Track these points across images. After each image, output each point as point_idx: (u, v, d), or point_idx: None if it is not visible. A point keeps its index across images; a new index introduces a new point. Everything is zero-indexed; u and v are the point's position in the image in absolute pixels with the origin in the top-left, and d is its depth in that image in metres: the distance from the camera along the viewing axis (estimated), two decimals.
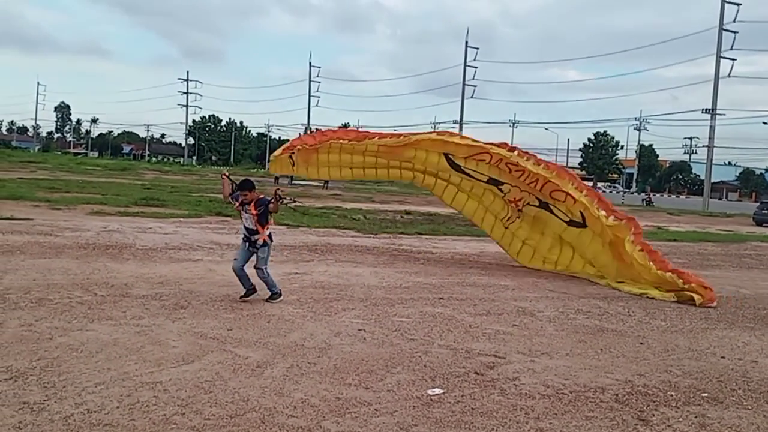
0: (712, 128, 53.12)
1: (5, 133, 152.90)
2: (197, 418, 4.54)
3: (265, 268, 8.53)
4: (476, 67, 75.66)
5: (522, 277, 12.12)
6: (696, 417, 5.28)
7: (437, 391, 5.49)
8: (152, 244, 13.34)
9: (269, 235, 8.72)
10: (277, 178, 57.50)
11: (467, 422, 4.83)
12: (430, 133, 15.49)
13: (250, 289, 8.53)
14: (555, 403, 5.39)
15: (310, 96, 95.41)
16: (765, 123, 64.39)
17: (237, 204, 8.74)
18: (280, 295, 8.61)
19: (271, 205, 8.56)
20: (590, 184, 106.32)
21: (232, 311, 7.86)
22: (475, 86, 75.81)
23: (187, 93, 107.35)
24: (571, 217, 12.51)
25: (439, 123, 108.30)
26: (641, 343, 7.62)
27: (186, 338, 6.53)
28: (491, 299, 9.73)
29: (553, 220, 12.84)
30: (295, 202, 9.11)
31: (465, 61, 75.26)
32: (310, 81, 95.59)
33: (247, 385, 5.30)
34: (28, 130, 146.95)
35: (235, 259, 8.70)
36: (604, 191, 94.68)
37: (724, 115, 56.91)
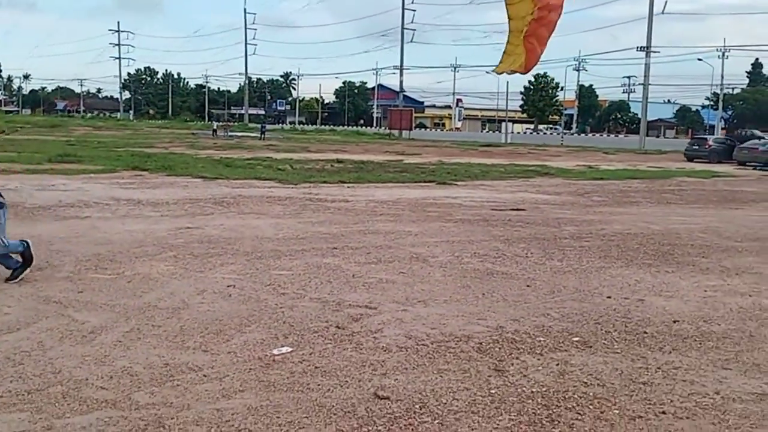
0: (647, 66, 53.48)
1: None
2: None
3: (4, 241, 6.72)
4: (414, 10, 74.58)
5: (429, 222, 11.76)
6: (558, 364, 4.97)
7: (284, 350, 5.06)
8: (44, 202, 12.58)
9: None
10: (214, 131, 56.17)
11: (302, 384, 4.42)
12: None
13: (18, 267, 6.82)
14: (410, 357, 5.02)
15: (246, 44, 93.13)
16: (699, 59, 65.02)
17: None
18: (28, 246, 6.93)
19: None
20: (531, 126, 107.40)
21: (94, 271, 7.29)
22: (414, 30, 74.93)
23: (119, 45, 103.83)
24: None
25: (381, 69, 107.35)
26: (528, 286, 7.32)
27: (25, 303, 5.96)
28: (388, 246, 9.33)
29: None
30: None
31: (403, 4, 73.93)
32: (246, 29, 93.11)
33: (68, 354, 4.79)
34: None
35: None
36: (545, 133, 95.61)
37: (659, 52, 57.08)
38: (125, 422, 3.75)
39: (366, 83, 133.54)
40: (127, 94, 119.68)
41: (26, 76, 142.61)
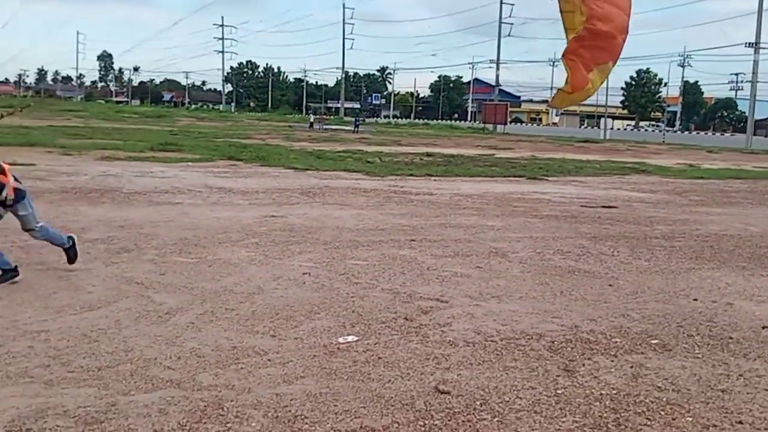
0: (755, 63, 50.70)
1: (51, 83, 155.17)
2: (60, 370, 4.19)
3: (39, 225, 6.46)
4: (513, 4, 73.46)
5: (514, 217, 11.52)
6: (632, 367, 4.74)
7: (350, 338, 5.05)
8: (141, 187, 13.09)
9: (17, 180, 6.27)
10: (311, 124, 57.18)
11: (363, 373, 4.39)
12: None
13: (7, 270, 6.11)
14: (476, 352, 4.90)
15: (344, 39, 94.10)
16: None
17: None
18: (74, 243, 6.72)
19: None
20: (632, 123, 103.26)
21: (178, 255, 7.51)
22: (512, 24, 73.84)
23: (222, 39, 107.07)
24: None
25: (477, 63, 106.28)
26: (610, 285, 7.03)
27: (108, 283, 6.20)
28: (467, 240, 9.19)
29: None
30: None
31: None
32: (344, 23, 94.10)
33: (142, 333, 4.94)
34: (72, 79, 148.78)
35: None
36: (646, 130, 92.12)
37: None
38: (186, 402, 3.82)
39: (461, 77, 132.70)
40: (229, 87, 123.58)
41: (136, 69, 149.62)
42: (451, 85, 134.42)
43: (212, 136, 35.01)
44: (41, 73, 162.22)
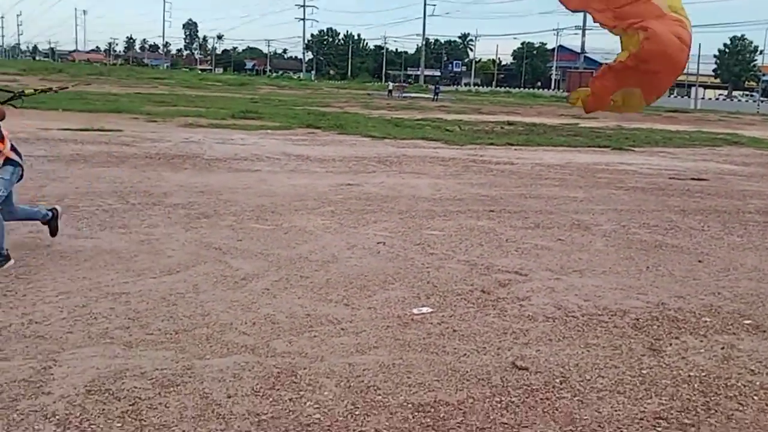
0: None
1: (138, 51, 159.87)
2: (139, 332, 4.25)
3: (3, 196, 5.49)
4: None
5: (598, 189, 11.13)
6: (722, 348, 4.47)
7: (424, 310, 4.95)
8: (221, 154, 13.28)
9: (14, 149, 5.61)
10: (389, 92, 56.93)
11: (438, 345, 4.28)
12: None
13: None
14: (557, 328, 4.72)
15: (425, 5, 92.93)
16: None
17: None
18: (55, 216, 6.18)
19: None
20: (724, 93, 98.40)
21: (255, 221, 7.56)
22: None
23: (304, 6, 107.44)
24: None
25: (562, 29, 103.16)
26: (699, 261, 6.69)
27: (188, 248, 6.28)
28: (548, 212, 8.92)
29: None
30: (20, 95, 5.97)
31: None
32: None
33: (219, 298, 4.97)
34: (159, 48, 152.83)
35: None
36: (739, 100, 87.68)
37: None
38: (260, 368, 3.81)
39: (545, 44, 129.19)
40: (309, 55, 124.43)
41: (219, 37, 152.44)
42: (535, 52, 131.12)
43: (292, 104, 35.32)
44: (130, 42, 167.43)
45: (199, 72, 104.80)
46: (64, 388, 3.44)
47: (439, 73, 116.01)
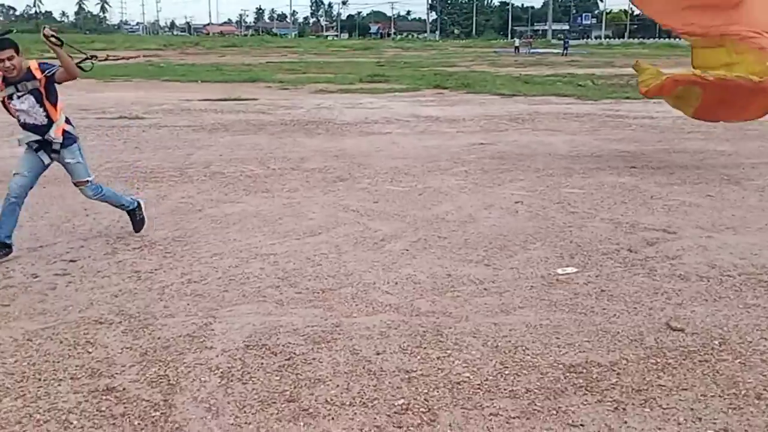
0: None
1: (267, 21, 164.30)
2: (289, 291, 4.40)
3: (92, 179, 5.24)
4: None
5: (748, 141, 10.40)
6: None
7: (569, 270, 4.82)
8: (352, 119, 13.47)
9: (68, 121, 5.09)
10: (516, 48, 55.50)
11: (585, 306, 4.17)
12: None
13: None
14: (712, 288, 4.47)
15: None
16: None
17: None
18: (139, 206, 5.57)
19: (59, 71, 4.83)
20: None
21: (390, 183, 7.62)
22: None
23: None
24: None
25: None
26: None
27: (327, 210, 6.43)
28: (695, 167, 8.44)
29: None
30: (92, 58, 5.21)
31: None
32: None
33: (360, 258, 5.06)
34: (286, 17, 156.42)
35: (16, 174, 4.98)
36: None
37: None
38: (406, 327, 3.86)
39: None
40: (433, 15, 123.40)
41: (344, 2, 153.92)
42: None
43: (417, 65, 35.24)
44: (259, 13, 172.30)
45: (325, 38, 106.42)
46: (224, 343, 3.63)
47: (567, 27, 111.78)
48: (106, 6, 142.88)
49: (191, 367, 3.37)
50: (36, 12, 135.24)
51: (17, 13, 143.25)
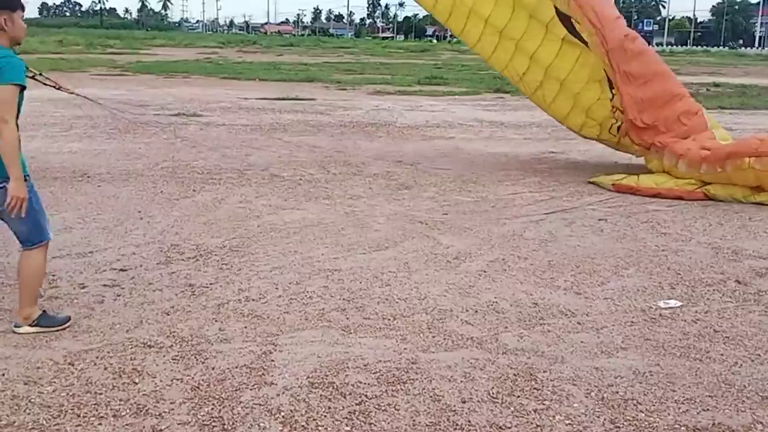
0: None
1: (324, 21, 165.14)
2: (356, 316, 3.93)
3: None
4: None
5: None
6: None
7: (672, 303, 4.24)
8: (412, 122, 12.99)
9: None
10: None
11: (699, 350, 3.59)
12: None
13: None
14: None
15: None
16: None
17: None
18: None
19: None
20: None
21: (458, 193, 7.11)
22: None
23: None
24: None
25: None
26: None
27: (393, 222, 5.95)
28: None
29: None
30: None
31: None
32: None
33: (433, 279, 4.56)
34: (343, 17, 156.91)
35: None
36: None
37: None
38: (492, 367, 3.35)
39: None
40: None
41: (401, 4, 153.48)
42: (736, 7, 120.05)
43: (476, 68, 34.45)
44: (316, 13, 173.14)
45: (381, 39, 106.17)
46: (286, 378, 3.18)
47: None
48: (168, 3, 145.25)
49: (249, 408, 2.92)
50: (101, 8, 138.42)
51: (83, 9, 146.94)
